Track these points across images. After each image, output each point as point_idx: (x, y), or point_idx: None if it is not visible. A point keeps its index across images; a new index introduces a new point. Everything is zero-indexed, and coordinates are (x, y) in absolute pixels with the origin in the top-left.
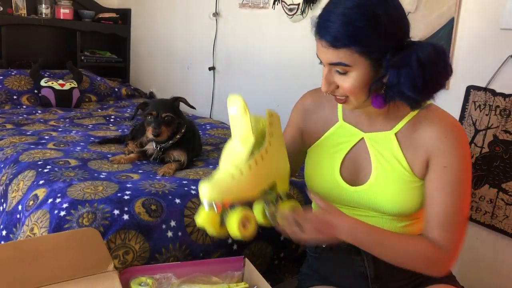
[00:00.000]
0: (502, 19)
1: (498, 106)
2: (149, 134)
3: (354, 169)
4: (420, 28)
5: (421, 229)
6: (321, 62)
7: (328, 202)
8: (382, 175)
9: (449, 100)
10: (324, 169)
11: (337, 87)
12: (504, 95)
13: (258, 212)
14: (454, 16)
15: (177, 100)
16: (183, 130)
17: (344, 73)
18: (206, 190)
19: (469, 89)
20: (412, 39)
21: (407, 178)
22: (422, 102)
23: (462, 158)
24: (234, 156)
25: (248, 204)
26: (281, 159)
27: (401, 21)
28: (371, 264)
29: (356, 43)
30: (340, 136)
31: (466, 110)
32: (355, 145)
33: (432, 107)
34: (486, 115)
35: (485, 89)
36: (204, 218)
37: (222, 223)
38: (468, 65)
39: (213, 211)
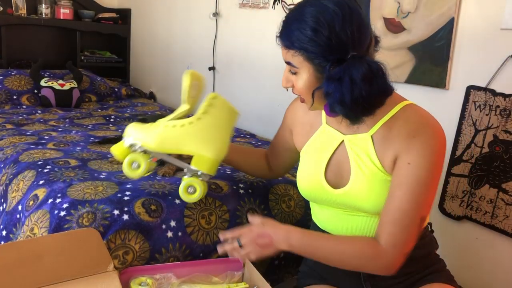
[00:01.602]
0: (502, 19)
1: (498, 106)
2: None
3: (338, 172)
4: (420, 28)
5: None
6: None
7: (262, 217)
8: (360, 177)
9: (449, 100)
10: (311, 173)
11: (293, 85)
12: (504, 95)
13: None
14: (454, 16)
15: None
16: None
17: (295, 74)
18: (128, 128)
19: (469, 89)
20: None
21: (382, 177)
22: (358, 119)
23: (428, 158)
24: (169, 115)
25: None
26: (207, 139)
27: (346, 34)
28: None
29: (300, 48)
30: (324, 139)
31: (466, 110)
32: (337, 148)
33: (411, 107)
34: (486, 115)
35: (485, 89)
36: (116, 148)
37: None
38: (468, 65)
39: (125, 145)
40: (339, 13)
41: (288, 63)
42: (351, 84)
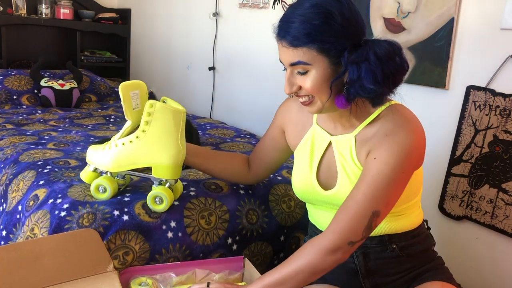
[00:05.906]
0: (502, 19)
1: (498, 106)
2: None
3: (329, 173)
4: (420, 28)
5: (403, 224)
6: (284, 69)
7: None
8: (345, 178)
9: (449, 100)
10: (303, 174)
11: (300, 88)
12: (504, 95)
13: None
14: (454, 16)
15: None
16: None
17: (304, 73)
18: (87, 153)
19: (469, 89)
20: (368, 38)
21: None
22: (384, 98)
23: (395, 156)
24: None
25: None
26: (158, 148)
27: (355, 20)
28: (360, 260)
29: (313, 41)
30: (315, 140)
31: (466, 110)
32: (327, 148)
33: (395, 107)
34: (486, 115)
35: (485, 89)
36: (83, 173)
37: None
38: (468, 65)
39: (90, 169)
40: (343, 1)
41: (296, 63)
42: (378, 61)
